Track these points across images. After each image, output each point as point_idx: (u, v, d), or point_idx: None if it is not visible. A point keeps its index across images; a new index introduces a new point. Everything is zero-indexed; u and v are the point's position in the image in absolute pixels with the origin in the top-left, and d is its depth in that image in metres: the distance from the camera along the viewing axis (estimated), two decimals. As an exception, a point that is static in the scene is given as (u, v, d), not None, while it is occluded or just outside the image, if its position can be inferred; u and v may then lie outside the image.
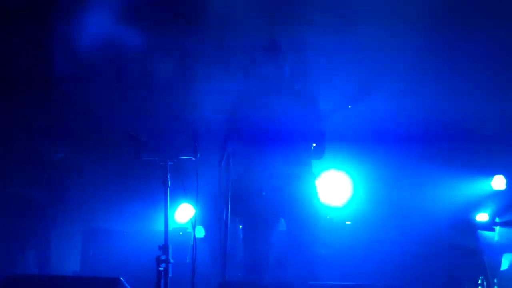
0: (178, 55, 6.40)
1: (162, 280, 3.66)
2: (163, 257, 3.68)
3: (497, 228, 5.64)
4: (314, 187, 4.34)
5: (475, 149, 5.89)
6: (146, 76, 6.47)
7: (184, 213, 6.56)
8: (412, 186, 6.04)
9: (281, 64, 4.25)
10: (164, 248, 3.70)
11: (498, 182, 6.03)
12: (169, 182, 3.82)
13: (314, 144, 4.24)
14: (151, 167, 3.95)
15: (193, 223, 4.07)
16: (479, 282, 5.18)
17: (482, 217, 5.77)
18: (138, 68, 6.45)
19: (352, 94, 4.19)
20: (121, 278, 3.52)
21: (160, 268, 3.67)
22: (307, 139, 4.18)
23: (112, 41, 6.20)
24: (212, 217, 4.55)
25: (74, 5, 6.11)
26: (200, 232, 5.72)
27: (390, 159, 6.08)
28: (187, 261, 5.35)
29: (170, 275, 3.69)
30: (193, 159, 3.85)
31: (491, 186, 6.05)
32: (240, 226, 4.37)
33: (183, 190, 3.86)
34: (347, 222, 6.17)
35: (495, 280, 5.30)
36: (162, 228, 3.79)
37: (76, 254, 5.60)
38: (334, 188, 6.17)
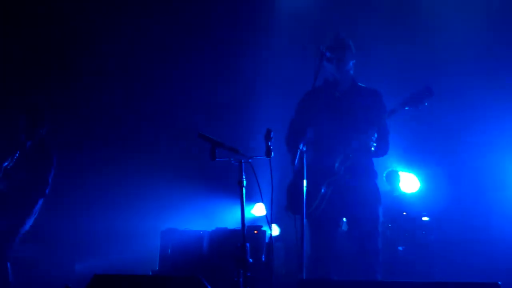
0: (251, 55, 6.47)
1: (241, 280, 3.68)
2: (241, 257, 3.70)
3: None
4: (376, 186, 4.21)
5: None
6: (219, 76, 6.56)
7: (259, 211, 6.61)
8: (492, 184, 5.90)
9: (347, 62, 4.19)
10: (242, 247, 3.72)
11: None
12: (245, 181, 3.84)
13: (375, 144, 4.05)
14: (225, 167, 3.97)
15: (269, 222, 4.03)
16: None
17: None
18: (212, 68, 6.55)
19: (413, 96, 4.01)
20: (201, 278, 3.56)
21: (239, 268, 3.69)
22: (372, 136, 4.03)
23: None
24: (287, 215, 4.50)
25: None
26: (275, 231, 5.74)
27: (470, 157, 5.97)
28: (263, 259, 5.37)
29: (248, 274, 3.70)
30: (267, 158, 3.86)
31: None
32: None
33: (259, 189, 3.87)
34: (425, 218, 6.07)
35: None
36: (237, 227, 3.79)
37: (155, 254, 5.72)
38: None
